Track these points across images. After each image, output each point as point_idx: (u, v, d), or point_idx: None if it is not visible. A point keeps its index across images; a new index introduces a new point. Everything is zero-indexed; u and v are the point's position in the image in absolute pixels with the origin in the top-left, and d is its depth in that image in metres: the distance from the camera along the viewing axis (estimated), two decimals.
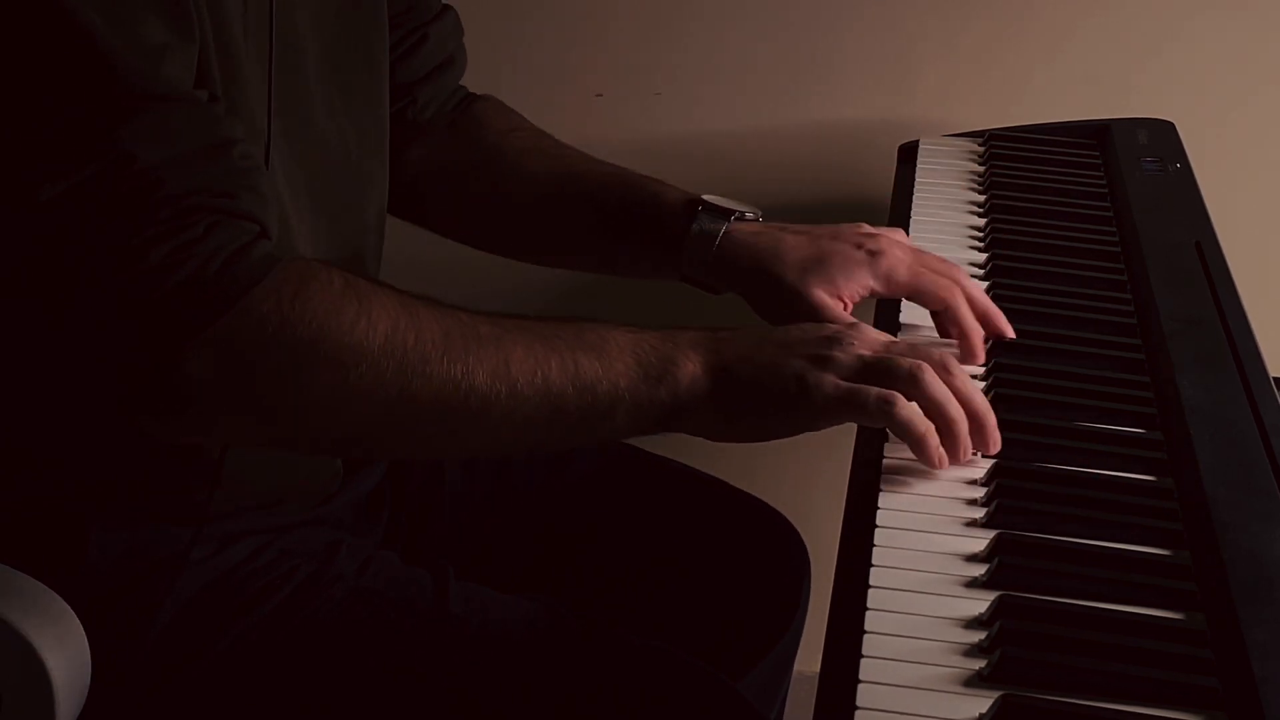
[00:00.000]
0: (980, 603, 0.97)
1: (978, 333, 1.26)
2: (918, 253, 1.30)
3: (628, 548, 1.43)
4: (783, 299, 1.27)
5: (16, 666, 1.05)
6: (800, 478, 1.99)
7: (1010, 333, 1.28)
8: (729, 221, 1.31)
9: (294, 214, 1.17)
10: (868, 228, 1.32)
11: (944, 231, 1.49)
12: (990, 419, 1.11)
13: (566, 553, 1.43)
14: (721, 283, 1.32)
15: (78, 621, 1.09)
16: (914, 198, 1.59)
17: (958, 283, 1.28)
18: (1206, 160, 1.66)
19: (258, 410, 1.02)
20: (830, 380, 1.08)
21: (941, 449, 1.09)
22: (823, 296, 1.25)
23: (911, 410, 1.08)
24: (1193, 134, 1.72)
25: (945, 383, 1.09)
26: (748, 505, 1.48)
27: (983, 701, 0.88)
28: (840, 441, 1.11)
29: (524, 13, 1.81)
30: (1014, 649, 0.91)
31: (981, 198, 1.59)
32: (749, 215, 1.32)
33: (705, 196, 1.33)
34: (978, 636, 0.94)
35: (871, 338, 1.12)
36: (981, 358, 1.26)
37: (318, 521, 1.27)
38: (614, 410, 1.07)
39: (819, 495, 1.77)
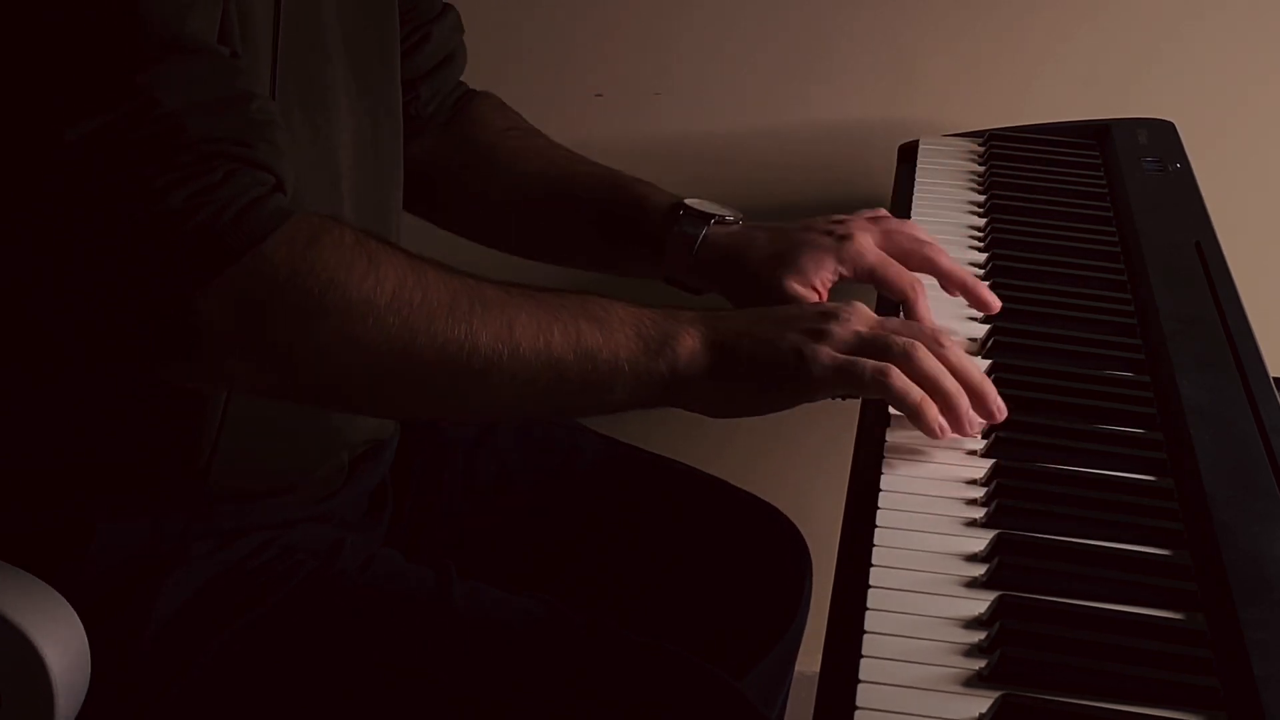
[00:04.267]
0: (980, 603, 0.97)
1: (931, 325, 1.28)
2: (889, 234, 1.32)
3: (629, 547, 1.43)
4: (758, 293, 1.30)
5: (16, 663, 1.05)
6: (800, 477, 1.99)
7: (995, 305, 1.31)
8: (708, 225, 1.34)
9: (314, 194, 1.17)
10: (841, 216, 1.35)
11: (944, 231, 1.49)
12: (988, 389, 1.14)
13: (568, 551, 1.43)
14: (700, 282, 1.36)
15: (77, 618, 1.09)
16: (914, 198, 1.59)
17: (929, 258, 1.31)
18: (1206, 160, 1.66)
19: (265, 357, 1.04)
20: (827, 352, 1.10)
21: (941, 418, 1.11)
22: (794, 286, 1.29)
23: (906, 381, 1.10)
24: (1193, 134, 1.72)
25: (939, 356, 1.12)
26: (748, 504, 1.48)
27: (983, 701, 0.88)
28: (840, 440, 1.11)
29: (524, 13, 1.80)
30: (1014, 649, 0.91)
31: (981, 198, 1.59)
32: (729, 218, 1.36)
33: (688, 201, 1.36)
34: (978, 636, 0.94)
35: (865, 314, 1.15)
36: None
37: (321, 518, 1.27)
38: (614, 380, 1.09)
39: (819, 495, 1.77)
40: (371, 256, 1.04)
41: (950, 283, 1.32)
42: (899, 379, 1.10)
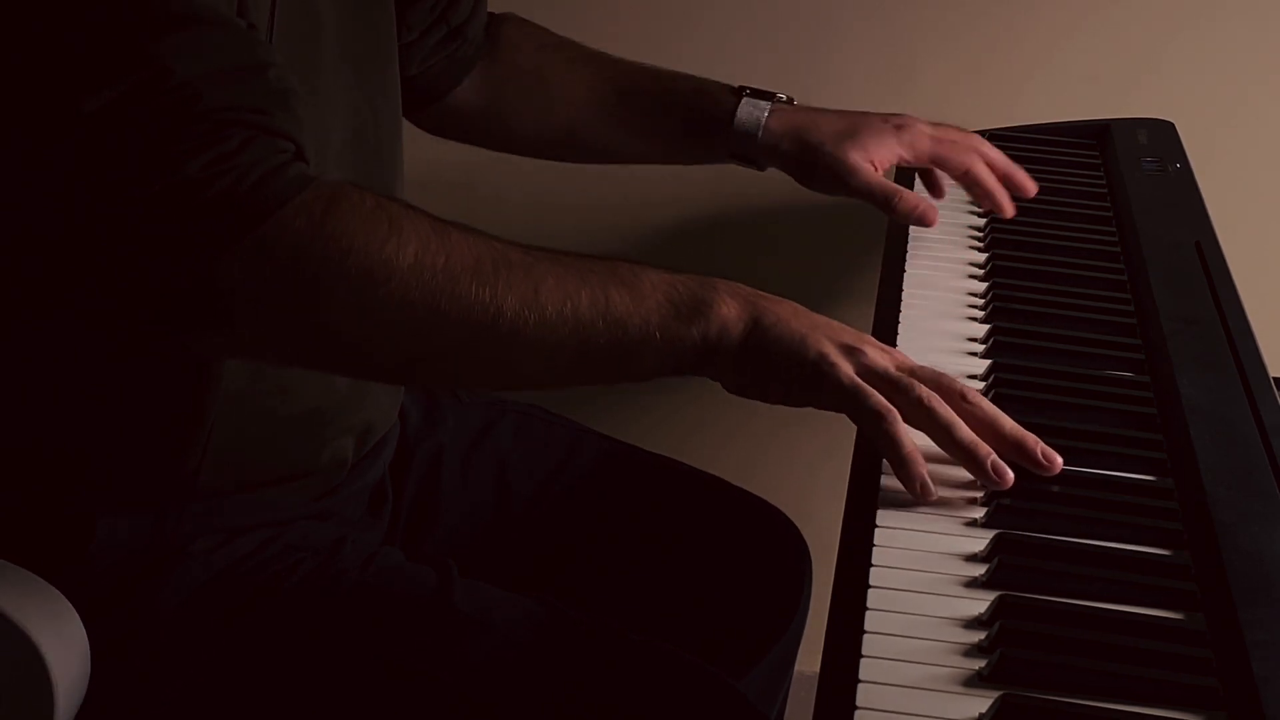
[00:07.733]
0: (980, 603, 0.97)
1: (1001, 192, 1.45)
2: (938, 126, 1.49)
3: (629, 547, 1.43)
4: (822, 163, 1.44)
5: (16, 663, 1.05)
6: (800, 477, 1.99)
7: (1032, 189, 1.48)
8: (771, 102, 1.47)
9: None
10: (892, 112, 1.49)
11: (944, 231, 1.49)
12: (1028, 438, 1.08)
13: (568, 551, 1.43)
14: (766, 158, 1.48)
15: (78, 617, 1.09)
16: None
17: (976, 149, 1.46)
18: (1206, 160, 1.66)
19: (289, 324, 1.04)
20: (847, 370, 1.09)
21: (926, 475, 1.06)
22: (857, 159, 1.42)
23: (902, 431, 1.07)
24: (1193, 134, 1.72)
25: (962, 410, 1.09)
26: (748, 504, 1.48)
27: (983, 701, 0.88)
28: (840, 440, 1.11)
29: (524, 13, 1.80)
30: (1014, 649, 0.92)
31: None
32: (782, 98, 1.49)
33: (744, 86, 1.49)
34: (978, 636, 0.94)
35: (900, 357, 1.13)
36: (1011, 211, 1.46)
37: (322, 516, 1.27)
38: (643, 348, 1.08)
39: (819, 495, 1.77)
40: (393, 220, 1.04)
41: (994, 168, 1.45)
42: (895, 426, 1.07)
